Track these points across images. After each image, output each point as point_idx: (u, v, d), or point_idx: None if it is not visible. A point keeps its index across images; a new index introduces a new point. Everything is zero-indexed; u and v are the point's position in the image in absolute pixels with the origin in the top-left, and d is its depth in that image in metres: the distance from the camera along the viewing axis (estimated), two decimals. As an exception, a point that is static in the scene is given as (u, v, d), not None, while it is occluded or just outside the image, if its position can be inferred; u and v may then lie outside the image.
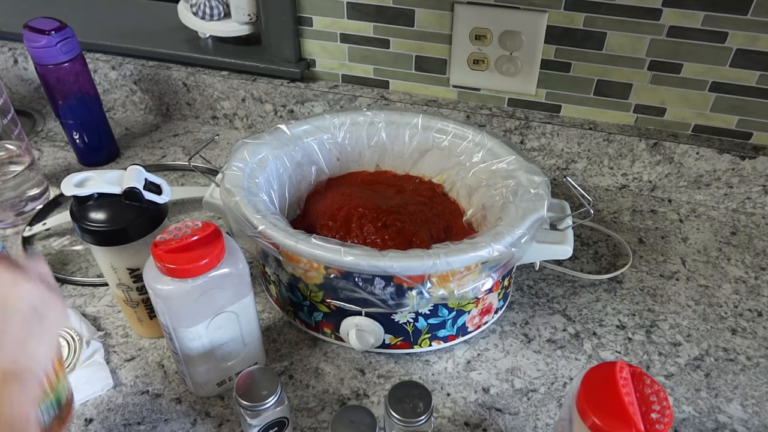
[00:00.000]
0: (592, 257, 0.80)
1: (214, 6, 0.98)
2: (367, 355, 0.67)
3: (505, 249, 0.57)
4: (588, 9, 0.79)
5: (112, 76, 1.05)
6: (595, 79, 0.85)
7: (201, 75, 1.00)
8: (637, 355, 0.67)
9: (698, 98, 0.83)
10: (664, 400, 0.47)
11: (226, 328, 0.58)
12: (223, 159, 0.98)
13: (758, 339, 0.69)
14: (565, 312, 0.72)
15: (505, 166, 0.69)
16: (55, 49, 0.83)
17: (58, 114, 0.91)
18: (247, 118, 1.03)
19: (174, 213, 0.87)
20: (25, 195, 0.85)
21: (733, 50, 0.77)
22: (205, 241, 0.54)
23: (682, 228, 0.84)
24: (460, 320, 0.64)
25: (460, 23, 0.85)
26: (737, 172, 0.84)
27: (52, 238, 0.83)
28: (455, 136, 0.74)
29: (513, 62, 0.86)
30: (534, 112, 0.91)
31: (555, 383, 0.64)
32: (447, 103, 0.93)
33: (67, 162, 0.97)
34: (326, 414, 0.61)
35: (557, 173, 0.92)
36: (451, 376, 0.65)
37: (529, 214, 0.61)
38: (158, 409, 0.62)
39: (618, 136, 0.86)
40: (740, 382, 0.65)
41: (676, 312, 0.72)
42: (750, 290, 0.75)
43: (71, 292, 0.75)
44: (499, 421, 0.61)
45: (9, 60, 1.09)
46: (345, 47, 0.94)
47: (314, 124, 0.75)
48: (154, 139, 1.03)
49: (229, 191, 0.63)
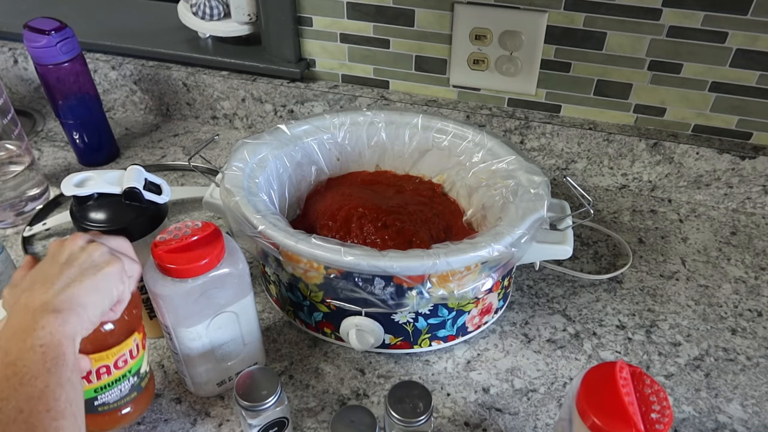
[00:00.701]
0: (592, 257, 0.80)
1: (214, 6, 0.98)
2: (367, 355, 0.67)
3: (505, 249, 0.57)
4: (588, 9, 0.79)
5: (112, 76, 1.05)
6: (595, 79, 0.85)
7: (201, 75, 1.00)
8: (637, 355, 0.67)
9: (698, 98, 0.83)
10: (664, 400, 0.47)
11: (226, 328, 0.58)
12: (223, 159, 0.98)
13: (758, 339, 0.69)
14: (565, 312, 0.72)
15: (505, 166, 0.69)
16: (55, 49, 0.83)
17: (58, 114, 0.91)
18: (247, 118, 1.03)
19: (174, 213, 0.87)
20: (25, 195, 0.85)
21: (733, 50, 0.77)
22: (205, 241, 0.54)
23: (682, 228, 0.84)
24: (460, 320, 0.64)
25: (460, 23, 0.85)
26: (737, 172, 0.84)
27: (52, 238, 0.83)
28: (455, 136, 0.74)
29: (513, 62, 0.86)
30: (534, 112, 0.91)
31: (555, 383, 0.64)
32: (447, 103, 0.93)
33: (67, 162, 0.97)
34: (326, 414, 0.61)
35: (557, 173, 0.92)
36: (451, 376, 0.65)
37: (529, 214, 0.61)
38: (158, 409, 0.62)
39: (618, 136, 0.86)
40: (740, 382, 0.65)
41: (676, 312, 0.72)
42: (750, 290, 0.75)
43: (71, 292, 0.75)
44: (499, 421, 0.61)
45: (9, 60, 1.09)
46: (345, 47, 0.94)
47: (314, 124, 0.75)
48: (154, 139, 1.03)
49: (229, 191, 0.63)
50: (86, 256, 0.48)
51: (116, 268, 0.49)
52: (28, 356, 0.41)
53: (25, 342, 0.42)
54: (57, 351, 0.42)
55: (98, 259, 0.48)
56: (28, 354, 0.41)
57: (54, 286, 0.45)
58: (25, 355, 0.41)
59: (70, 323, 0.44)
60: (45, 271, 0.47)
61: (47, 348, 0.42)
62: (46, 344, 0.42)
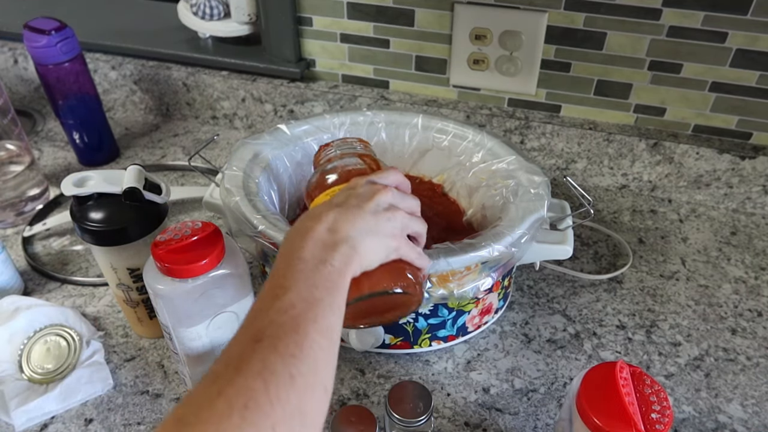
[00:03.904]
0: (592, 257, 0.80)
1: (214, 6, 0.98)
2: (367, 355, 0.67)
3: (505, 249, 0.57)
4: (588, 9, 0.79)
5: (112, 76, 1.05)
6: (595, 79, 0.85)
7: (201, 75, 1.00)
8: (637, 355, 0.67)
9: (698, 98, 0.83)
10: (664, 400, 0.47)
11: (226, 328, 0.58)
12: (223, 159, 0.98)
13: (758, 339, 0.69)
14: (565, 312, 0.72)
15: (505, 166, 0.69)
16: (55, 49, 0.83)
17: (58, 114, 0.91)
18: (247, 118, 1.03)
19: (174, 213, 0.87)
20: (25, 195, 0.85)
21: (733, 50, 0.77)
22: (205, 241, 0.54)
23: (682, 228, 0.84)
24: (460, 320, 0.64)
25: (460, 23, 0.85)
26: (737, 172, 0.84)
27: (52, 238, 0.83)
28: (455, 136, 0.74)
29: (513, 62, 0.86)
30: (534, 112, 0.91)
31: (555, 383, 0.64)
32: (447, 103, 0.93)
33: (67, 162, 0.97)
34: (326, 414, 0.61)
35: (557, 173, 0.92)
36: (451, 376, 0.65)
37: (529, 214, 0.61)
38: (158, 409, 0.62)
39: (618, 136, 0.86)
40: (740, 382, 0.65)
41: (676, 312, 0.72)
42: (750, 290, 0.75)
43: (71, 292, 0.75)
44: (499, 421, 0.61)
45: (9, 60, 1.09)
46: (345, 47, 0.94)
47: (314, 124, 0.75)
48: (154, 139, 1.03)
49: (229, 191, 0.63)
50: (390, 215, 0.49)
51: (403, 241, 0.50)
52: (318, 267, 0.43)
53: (323, 260, 0.43)
54: (338, 279, 0.43)
55: (400, 223, 0.49)
56: (319, 265, 0.43)
57: (356, 226, 0.46)
58: (317, 265, 0.43)
59: (354, 264, 0.45)
60: (353, 204, 0.48)
61: (333, 271, 0.43)
62: (336, 269, 0.43)
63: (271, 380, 0.35)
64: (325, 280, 0.42)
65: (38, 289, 0.75)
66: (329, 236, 0.45)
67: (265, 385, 0.35)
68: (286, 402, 0.35)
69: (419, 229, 0.52)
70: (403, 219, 0.50)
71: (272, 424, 0.34)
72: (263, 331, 0.38)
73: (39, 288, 0.76)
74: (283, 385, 0.35)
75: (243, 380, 0.35)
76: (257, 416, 0.34)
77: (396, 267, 0.49)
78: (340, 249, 0.44)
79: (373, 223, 0.47)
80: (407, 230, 0.51)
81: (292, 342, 0.38)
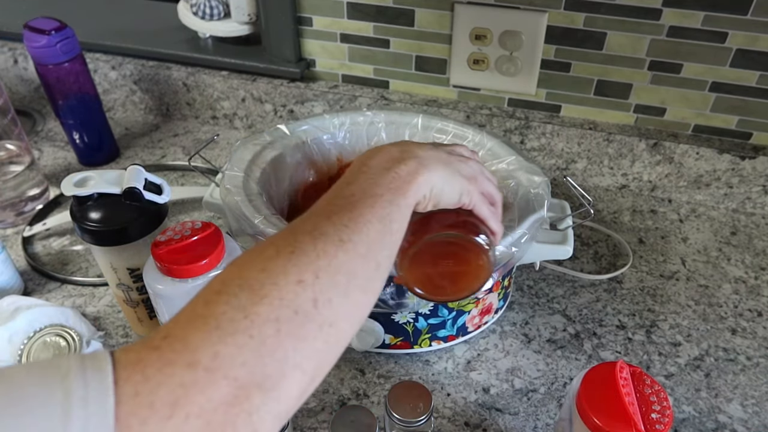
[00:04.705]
0: (592, 257, 0.80)
1: (214, 6, 0.98)
2: (367, 355, 0.67)
3: (505, 249, 0.57)
4: (588, 9, 0.79)
5: (112, 76, 1.05)
6: (595, 79, 0.85)
7: (201, 75, 1.00)
8: (637, 355, 0.67)
9: (698, 98, 0.83)
10: (664, 400, 0.47)
11: (226, 328, 0.58)
12: (223, 159, 0.98)
13: (758, 339, 0.69)
14: (565, 312, 0.72)
15: (505, 166, 0.69)
16: (55, 49, 0.83)
17: (58, 114, 0.91)
18: (247, 118, 1.03)
19: (174, 213, 0.87)
20: (25, 195, 0.85)
21: (733, 50, 0.77)
22: (205, 241, 0.54)
23: (682, 228, 0.84)
24: (460, 320, 0.64)
25: (460, 23, 0.85)
26: (737, 172, 0.84)
27: (52, 238, 0.83)
28: (455, 136, 0.74)
29: (513, 62, 0.86)
30: (534, 112, 0.91)
31: (555, 383, 0.64)
32: (447, 103, 0.93)
33: (67, 162, 0.97)
34: (326, 414, 0.61)
35: (557, 173, 0.92)
36: (451, 376, 0.65)
37: (529, 214, 0.61)
38: (158, 409, 0.62)
39: (618, 136, 0.86)
40: (740, 382, 0.65)
41: (676, 312, 0.72)
42: (750, 290, 0.75)
43: (71, 292, 0.75)
44: (499, 421, 0.61)
45: (9, 60, 1.09)
46: (345, 47, 0.94)
47: (314, 124, 0.75)
48: (154, 139, 1.03)
49: (229, 191, 0.63)
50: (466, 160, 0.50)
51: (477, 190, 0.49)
52: (383, 173, 0.43)
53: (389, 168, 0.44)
54: (402, 185, 0.43)
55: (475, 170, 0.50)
56: (383, 171, 0.44)
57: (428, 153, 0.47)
58: (381, 171, 0.44)
59: (420, 179, 0.44)
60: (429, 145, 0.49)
61: (397, 177, 0.43)
62: (401, 176, 0.43)
63: (320, 238, 0.37)
64: (389, 182, 0.43)
65: (38, 289, 0.75)
66: (399, 153, 0.46)
67: (314, 240, 0.37)
68: (333, 257, 0.36)
69: (494, 192, 0.52)
70: (479, 168, 0.50)
71: (315, 270, 0.35)
72: (319, 208, 0.40)
73: (39, 288, 0.76)
74: (332, 244, 0.37)
75: (292, 236, 0.37)
76: (301, 260, 0.35)
77: (469, 220, 0.49)
78: (408, 162, 0.45)
79: (446, 157, 0.48)
80: (483, 184, 0.50)
81: (347, 216, 0.39)
